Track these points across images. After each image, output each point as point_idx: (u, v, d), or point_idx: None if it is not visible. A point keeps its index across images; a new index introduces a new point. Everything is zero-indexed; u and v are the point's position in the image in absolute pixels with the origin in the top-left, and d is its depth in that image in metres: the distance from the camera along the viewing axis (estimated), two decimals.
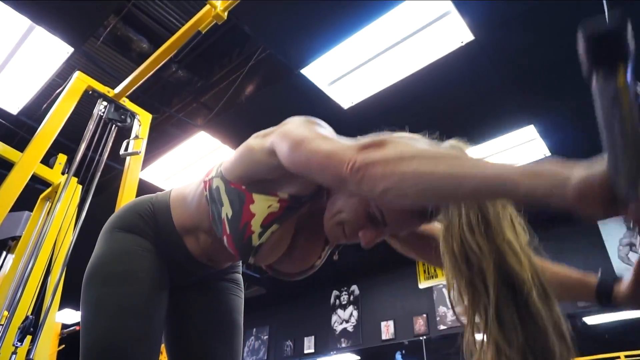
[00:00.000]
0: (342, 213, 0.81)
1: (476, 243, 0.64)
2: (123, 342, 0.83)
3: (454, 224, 0.67)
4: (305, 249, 0.93)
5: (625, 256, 4.41)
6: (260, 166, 0.83)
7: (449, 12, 2.75)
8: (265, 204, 0.83)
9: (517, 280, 0.62)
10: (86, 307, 0.90)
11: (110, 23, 3.27)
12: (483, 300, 0.63)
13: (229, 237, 0.86)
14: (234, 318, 1.09)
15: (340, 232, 0.83)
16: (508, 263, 0.63)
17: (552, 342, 0.60)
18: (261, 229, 0.84)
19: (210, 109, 3.94)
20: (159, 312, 0.92)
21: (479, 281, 0.63)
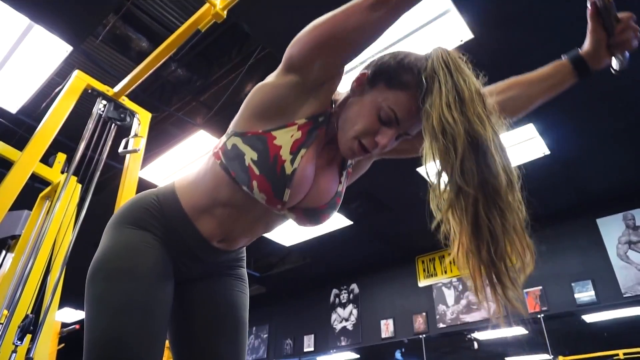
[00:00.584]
0: (355, 125, 0.88)
1: (452, 117, 0.75)
2: (127, 338, 0.83)
3: (434, 104, 0.78)
4: (326, 177, 0.97)
5: (623, 254, 4.42)
6: (277, 91, 0.87)
7: (448, 11, 2.75)
8: (287, 135, 0.87)
9: (480, 140, 0.75)
10: (90, 303, 0.89)
11: (109, 22, 3.27)
12: (451, 158, 0.74)
13: (259, 178, 0.86)
14: (240, 315, 1.08)
15: (357, 145, 0.89)
16: (475, 129, 0.75)
17: (500, 181, 0.74)
18: (291, 156, 0.87)
19: (210, 107, 3.94)
20: (164, 308, 0.92)
21: (451, 145, 0.75)
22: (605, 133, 3.87)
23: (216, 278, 1.09)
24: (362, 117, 0.88)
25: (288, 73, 0.86)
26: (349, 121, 0.90)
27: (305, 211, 0.96)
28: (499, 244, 0.75)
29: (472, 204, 0.74)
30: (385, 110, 0.85)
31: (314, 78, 0.85)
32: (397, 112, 0.85)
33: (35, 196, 2.97)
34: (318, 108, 0.90)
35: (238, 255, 1.14)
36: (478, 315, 5.14)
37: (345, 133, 0.90)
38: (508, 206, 0.75)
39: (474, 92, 0.78)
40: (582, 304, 4.49)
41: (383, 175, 4.32)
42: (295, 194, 0.90)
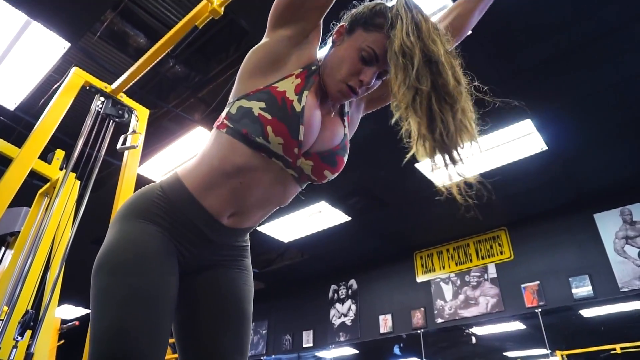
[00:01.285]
0: (341, 69, 0.99)
1: (410, 41, 0.90)
2: (132, 332, 0.83)
3: (397, 34, 0.92)
4: (331, 120, 1.06)
5: (621, 249, 4.44)
6: (270, 47, 0.99)
7: (446, 6, 2.76)
8: (288, 83, 0.97)
9: (433, 56, 0.89)
10: (95, 296, 0.89)
11: (107, 18, 3.26)
12: (408, 71, 0.89)
13: (272, 121, 0.92)
14: (244, 308, 1.08)
15: (345, 88, 0.99)
16: (429, 48, 0.89)
17: (450, 80, 0.89)
18: (297, 96, 0.95)
19: (208, 104, 3.94)
20: (169, 302, 0.92)
21: (409, 62, 0.89)
22: (602, 129, 3.89)
23: (221, 269, 1.09)
24: (345, 61, 0.99)
25: (276, 29, 0.99)
26: (334, 67, 1.00)
27: (321, 155, 1.01)
28: (449, 128, 0.88)
29: (426, 98, 0.88)
30: (365, 49, 0.97)
31: (300, 27, 0.98)
32: (376, 49, 0.97)
33: (34, 193, 2.97)
34: (307, 59, 1.01)
35: (243, 244, 1.14)
36: (476, 310, 5.17)
37: (333, 78, 1.00)
38: (456, 99, 0.89)
39: (430, 24, 0.93)
40: (580, 298, 4.51)
41: (381, 171, 4.33)
42: (309, 132, 0.96)
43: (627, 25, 2.95)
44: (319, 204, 4.88)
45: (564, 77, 3.34)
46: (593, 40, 3.05)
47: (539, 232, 5.05)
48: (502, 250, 5.24)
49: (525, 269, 4.98)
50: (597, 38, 3.03)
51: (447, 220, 4.90)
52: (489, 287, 5.20)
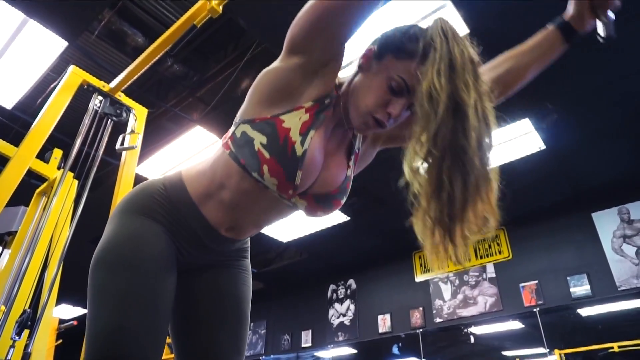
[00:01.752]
0: (367, 99, 0.90)
1: (439, 83, 0.77)
2: (129, 329, 0.83)
3: (428, 70, 0.80)
4: (335, 162, 0.99)
5: (618, 248, 4.45)
6: (282, 74, 0.89)
7: (444, 6, 2.76)
8: (295, 118, 0.88)
9: (461, 108, 0.76)
10: (93, 292, 0.88)
11: (104, 17, 3.26)
12: (430, 123, 0.77)
13: (270, 161, 0.87)
14: (242, 308, 1.08)
15: (371, 120, 0.90)
16: (459, 96, 0.76)
17: (470, 144, 0.75)
18: (301, 137, 0.88)
19: (206, 103, 3.93)
20: (166, 300, 0.91)
21: (433, 110, 0.77)
22: (600, 127, 3.89)
23: (221, 269, 1.09)
24: (373, 90, 0.90)
25: (291, 55, 0.87)
26: (360, 96, 0.91)
27: (316, 197, 0.96)
28: (454, 207, 0.77)
29: (437, 163, 0.77)
30: (395, 79, 0.87)
31: (316, 57, 0.87)
32: (407, 79, 0.87)
33: (31, 192, 2.96)
34: (323, 90, 0.91)
35: (243, 245, 1.13)
36: (475, 309, 5.17)
37: (357, 108, 0.92)
38: (473, 168, 0.76)
39: (467, 59, 0.80)
40: (578, 297, 4.52)
41: (380, 171, 4.32)
42: (306, 176, 0.90)
43: (623, 24, 2.95)
44: None
45: (562, 76, 3.34)
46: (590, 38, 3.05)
47: (537, 232, 5.05)
48: (501, 250, 5.25)
49: (524, 268, 4.99)
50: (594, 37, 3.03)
51: None
52: (487, 286, 5.20)
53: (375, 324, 5.95)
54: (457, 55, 0.79)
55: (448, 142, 0.76)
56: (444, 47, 0.80)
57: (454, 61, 0.78)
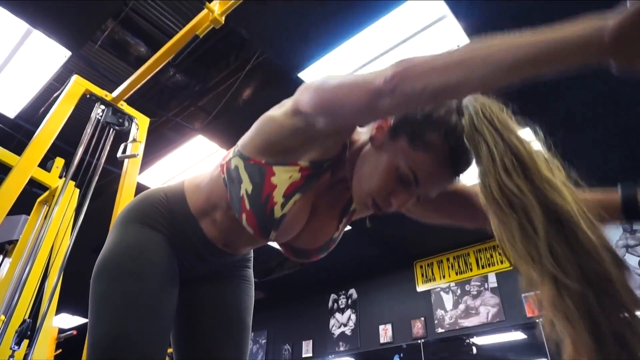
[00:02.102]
0: (370, 181, 0.83)
1: (516, 186, 0.64)
2: (130, 340, 0.82)
3: (489, 171, 0.67)
4: (323, 220, 0.95)
5: None
6: (282, 131, 0.84)
7: (445, 16, 2.77)
8: (286, 175, 0.84)
9: (562, 214, 0.62)
10: (94, 302, 0.88)
11: (107, 27, 3.28)
12: (533, 240, 0.62)
13: (248, 213, 0.86)
14: (243, 318, 1.08)
15: (370, 202, 0.84)
16: (550, 199, 0.63)
17: (607, 267, 0.59)
18: (283, 199, 0.84)
19: (208, 112, 3.94)
20: (169, 310, 0.91)
21: (526, 222, 0.63)
22: (600, 137, 3.89)
23: (223, 279, 1.08)
24: (378, 174, 0.82)
25: (295, 115, 0.82)
26: (364, 176, 0.84)
27: (293, 249, 0.96)
28: (630, 350, 0.56)
29: (581, 304, 0.58)
30: (404, 170, 0.79)
31: (318, 130, 0.81)
32: (418, 173, 0.78)
33: (33, 201, 2.97)
34: (324, 154, 0.85)
35: (245, 256, 1.13)
36: (476, 320, 5.13)
37: (359, 187, 0.85)
38: (627, 297, 0.58)
39: (533, 152, 0.68)
40: None
41: None
42: (281, 237, 0.90)
43: None
44: None
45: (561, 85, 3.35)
46: None
47: None
48: (503, 260, 5.22)
49: None
50: None
51: (447, 229, 4.89)
52: (489, 296, 5.17)
53: (376, 334, 5.91)
54: (520, 147, 0.68)
55: (579, 270, 0.59)
56: (497, 138, 0.68)
57: (519, 155, 0.67)
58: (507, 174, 0.65)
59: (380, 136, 0.83)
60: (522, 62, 0.57)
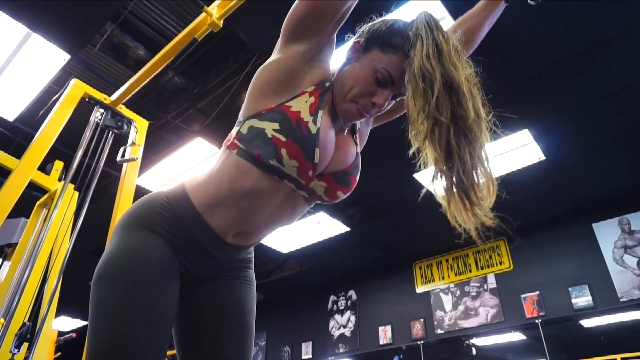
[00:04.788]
0: (353, 88, 0.95)
1: (430, 64, 0.85)
2: (130, 344, 0.83)
3: (417, 55, 0.87)
4: (344, 139, 1.03)
5: (619, 258, 4.44)
6: (281, 64, 0.93)
7: (443, 19, 2.78)
8: (302, 102, 0.92)
9: (454, 83, 0.85)
10: (94, 307, 0.88)
11: (106, 30, 3.29)
12: (428, 97, 0.85)
13: (287, 143, 0.88)
14: (246, 319, 1.08)
15: (354, 108, 0.96)
16: (450, 74, 0.85)
17: (469, 114, 0.84)
18: (312, 117, 0.91)
19: (207, 115, 3.95)
20: (169, 315, 0.91)
21: (428, 88, 0.85)
22: (600, 138, 3.91)
23: (225, 280, 1.08)
24: (359, 80, 0.95)
25: (289, 44, 0.92)
26: (346, 85, 0.96)
27: (334, 176, 0.98)
28: (466, 167, 0.84)
29: (444, 132, 0.84)
30: (381, 71, 0.93)
31: (314, 42, 0.91)
32: (392, 72, 0.93)
33: (32, 204, 2.97)
34: (321, 75, 0.96)
35: (247, 256, 1.13)
36: (476, 321, 5.14)
37: (344, 97, 0.96)
38: (475, 135, 0.85)
39: (452, 46, 0.88)
40: (580, 308, 4.50)
41: (380, 182, 4.33)
42: (324, 154, 0.93)
43: (620, 36, 2.98)
44: (318, 214, 4.88)
45: (560, 86, 3.36)
46: (588, 50, 3.08)
47: (538, 242, 5.05)
48: (502, 261, 5.23)
49: (525, 279, 4.97)
50: (592, 49, 3.06)
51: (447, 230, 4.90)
52: (488, 297, 5.18)
53: (376, 336, 5.92)
54: (442, 41, 0.88)
55: (450, 111, 0.84)
56: (429, 35, 0.88)
57: (440, 45, 0.87)
58: (427, 57, 0.86)
59: (356, 53, 0.99)
60: None
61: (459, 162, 0.84)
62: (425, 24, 0.90)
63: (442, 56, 0.87)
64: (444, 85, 0.85)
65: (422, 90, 0.85)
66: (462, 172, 0.84)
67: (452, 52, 0.88)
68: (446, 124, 0.84)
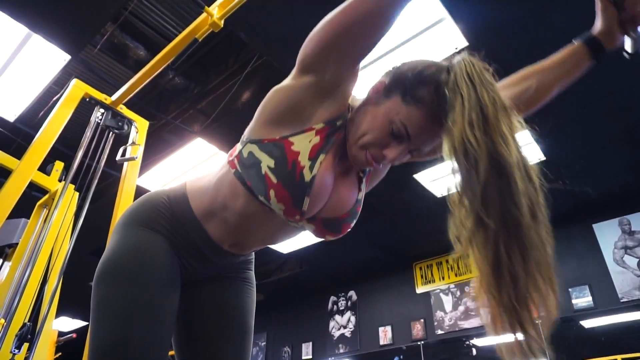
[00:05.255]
0: (365, 135, 0.85)
1: (474, 136, 0.70)
2: (132, 344, 0.82)
3: (456, 122, 0.72)
4: (345, 185, 0.95)
5: (620, 259, 4.44)
6: (293, 94, 0.84)
7: (443, 19, 2.79)
8: (305, 141, 0.84)
9: (504, 166, 0.68)
10: (96, 306, 0.88)
11: (107, 30, 3.29)
12: (473, 183, 0.69)
13: (277, 186, 0.83)
14: (246, 321, 1.08)
15: (364, 156, 0.86)
16: (499, 151, 0.69)
17: (524, 216, 0.67)
18: (310, 162, 0.84)
19: (207, 115, 3.95)
20: (170, 314, 0.91)
21: (473, 168, 0.69)
22: (600, 138, 3.91)
23: (225, 281, 1.08)
24: (373, 128, 0.85)
25: (303, 74, 0.83)
26: (360, 130, 0.86)
27: (324, 221, 0.93)
28: (520, 288, 0.67)
29: (493, 239, 0.68)
30: (397, 124, 0.82)
31: (329, 77, 0.82)
32: (409, 127, 0.82)
33: (32, 204, 2.97)
34: (335, 112, 0.87)
35: (248, 258, 1.13)
36: (476, 321, 5.14)
37: (354, 141, 0.87)
38: (531, 244, 0.68)
39: (499, 108, 0.72)
40: (580, 309, 4.49)
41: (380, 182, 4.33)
42: (314, 202, 0.87)
43: None
44: None
45: None
46: None
47: None
48: None
49: None
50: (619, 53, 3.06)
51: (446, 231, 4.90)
52: None
53: (376, 336, 5.91)
54: (489, 104, 0.72)
55: (499, 211, 0.67)
56: (472, 94, 0.73)
57: (485, 110, 0.71)
58: (470, 125, 0.71)
59: (377, 94, 0.87)
60: None
61: (511, 282, 0.67)
62: (466, 76, 0.75)
63: (488, 124, 0.70)
64: (492, 167, 0.68)
65: (466, 171, 0.71)
66: (514, 296, 0.67)
67: (501, 119, 0.71)
68: (494, 230, 0.67)
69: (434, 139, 0.84)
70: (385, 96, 0.85)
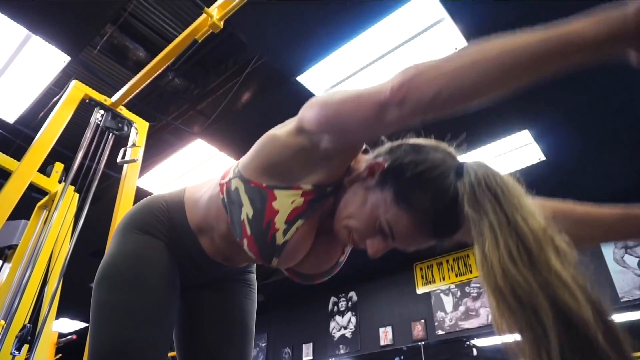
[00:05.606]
0: (351, 219, 0.81)
1: (522, 276, 0.55)
2: (131, 347, 0.83)
3: (493, 255, 0.59)
4: (328, 246, 0.92)
5: (620, 259, 4.44)
6: (286, 151, 0.80)
7: (442, 19, 2.78)
8: (288, 200, 0.80)
9: (577, 320, 0.53)
10: (96, 309, 0.89)
11: (106, 32, 3.29)
12: (544, 344, 0.53)
13: (250, 238, 0.82)
14: (246, 322, 1.08)
15: (347, 236, 0.83)
16: (561, 299, 0.54)
17: None
18: (285, 226, 0.80)
19: (207, 116, 3.95)
20: (169, 316, 0.91)
21: (536, 323, 0.54)
22: (600, 138, 3.90)
23: (226, 283, 1.09)
24: (360, 217, 0.80)
25: (299, 134, 0.79)
26: (347, 210, 0.82)
27: (297, 273, 0.93)
28: None
29: None
30: (382, 223, 0.77)
31: (322, 150, 0.78)
32: (395, 229, 0.76)
33: (32, 206, 2.97)
34: (326, 178, 0.81)
35: None
36: (477, 321, 5.13)
37: (340, 218, 0.83)
38: None
39: (540, 234, 0.58)
40: None
41: None
42: (284, 263, 0.86)
43: None
44: None
45: (560, 87, 3.36)
46: None
47: None
48: None
49: None
50: None
51: None
52: None
53: (376, 337, 5.91)
54: (524, 226, 0.59)
55: None
56: (501, 216, 0.60)
57: (524, 237, 0.58)
58: (512, 260, 0.57)
59: (371, 179, 0.80)
60: (541, 56, 0.59)
61: None
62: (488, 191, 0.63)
63: (533, 255, 0.56)
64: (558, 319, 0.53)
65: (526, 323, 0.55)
66: None
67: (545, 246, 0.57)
68: None
69: (419, 244, 0.79)
70: (379, 185, 0.79)
